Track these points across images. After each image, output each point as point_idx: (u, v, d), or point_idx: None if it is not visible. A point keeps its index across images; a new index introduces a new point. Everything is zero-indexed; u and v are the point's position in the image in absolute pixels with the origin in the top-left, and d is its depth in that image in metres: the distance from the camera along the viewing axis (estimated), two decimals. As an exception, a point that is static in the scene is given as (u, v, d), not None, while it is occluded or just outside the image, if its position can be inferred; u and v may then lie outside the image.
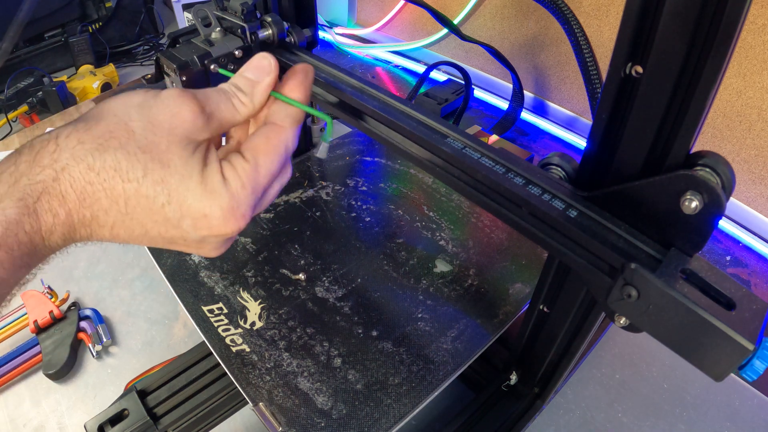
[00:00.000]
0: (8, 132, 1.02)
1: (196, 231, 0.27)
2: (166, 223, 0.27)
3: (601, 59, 0.67)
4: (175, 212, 0.26)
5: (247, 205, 0.28)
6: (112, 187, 0.25)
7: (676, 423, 0.50)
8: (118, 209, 0.26)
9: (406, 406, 0.40)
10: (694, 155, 0.27)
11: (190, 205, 0.26)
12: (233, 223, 0.28)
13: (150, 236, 0.27)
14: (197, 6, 0.47)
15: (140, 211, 0.26)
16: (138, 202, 0.26)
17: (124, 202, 0.26)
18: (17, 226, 0.23)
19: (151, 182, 0.26)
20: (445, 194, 0.61)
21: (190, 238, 0.28)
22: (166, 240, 0.28)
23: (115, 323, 0.59)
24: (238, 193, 0.28)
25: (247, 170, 0.28)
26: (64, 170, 0.24)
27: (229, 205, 0.27)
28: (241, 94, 0.30)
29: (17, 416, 0.51)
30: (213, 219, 0.27)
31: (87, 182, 0.25)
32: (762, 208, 0.70)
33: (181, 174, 0.26)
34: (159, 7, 1.39)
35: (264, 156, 0.29)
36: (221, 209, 0.27)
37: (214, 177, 0.27)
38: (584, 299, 0.36)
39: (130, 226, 0.26)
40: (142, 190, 0.26)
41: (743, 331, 0.23)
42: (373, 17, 1.16)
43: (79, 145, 0.25)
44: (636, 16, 0.24)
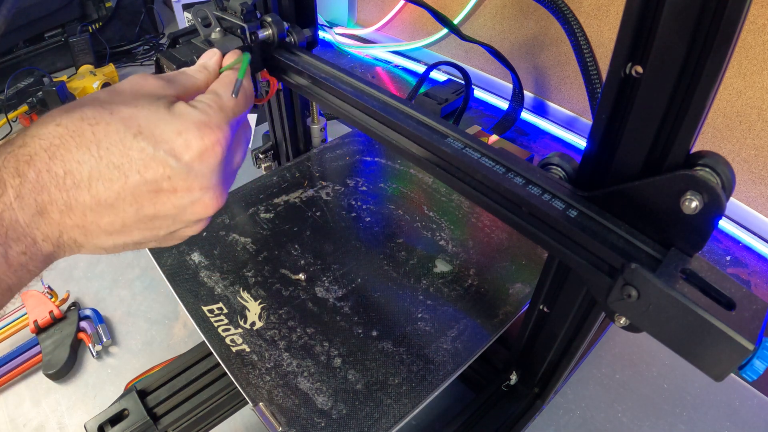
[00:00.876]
0: (8, 132, 1.02)
1: (175, 156, 0.26)
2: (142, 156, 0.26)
3: (601, 59, 0.67)
4: (148, 141, 0.26)
5: (219, 118, 0.29)
6: (81, 133, 0.25)
7: (676, 423, 0.50)
8: (90, 155, 0.25)
9: (406, 406, 0.40)
10: (694, 155, 0.27)
11: (162, 129, 0.26)
12: (210, 134, 0.27)
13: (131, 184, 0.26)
14: (197, 6, 0.47)
15: (114, 150, 0.25)
16: (110, 142, 0.25)
17: (96, 145, 0.25)
18: None
19: (119, 119, 0.26)
20: (445, 194, 0.61)
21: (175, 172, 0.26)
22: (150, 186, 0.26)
23: (115, 323, 0.59)
24: (207, 110, 0.28)
25: (209, 97, 0.30)
26: (33, 136, 0.25)
27: (201, 119, 0.28)
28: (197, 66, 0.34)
29: (17, 416, 0.51)
30: (188, 133, 0.27)
31: (55, 136, 0.25)
32: (762, 208, 0.70)
33: (148, 109, 0.27)
34: (159, 7, 1.39)
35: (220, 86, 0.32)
36: (194, 123, 0.27)
37: (181, 106, 0.28)
38: (584, 299, 0.36)
39: (107, 173, 0.25)
40: (111, 128, 0.25)
41: (743, 331, 0.23)
42: (373, 17, 1.16)
43: (47, 116, 0.26)
44: (636, 16, 0.24)
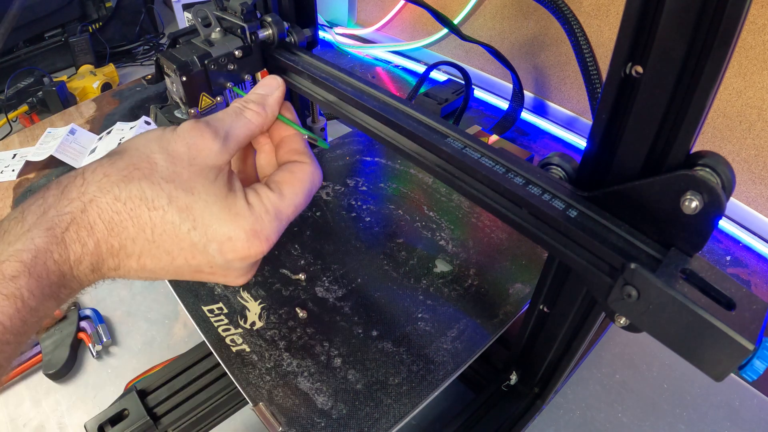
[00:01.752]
0: (8, 132, 1.02)
1: (221, 255, 0.28)
2: (192, 249, 0.27)
3: (601, 59, 0.67)
4: (201, 237, 0.27)
5: (271, 229, 0.29)
6: (139, 215, 0.26)
7: (676, 423, 0.50)
8: (145, 237, 0.26)
9: (406, 406, 0.40)
10: (694, 155, 0.27)
11: (215, 230, 0.27)
12: (257, 245, 0.28)
13: (176, 264, 0.28)
14: (197, 6, 0.47)
15: (166, 238, 0.27)
16: (164, 229, 0.27)
17: (151, 229, 0.26)
18: (46, 255, 0.24)
19: (176, 209, 0.27)
20: (445, 194, 0.61)
21: (216, 264, 0.28)
22: (192, 268, 0.28)
23: (115, 323, 0.59)
24: (262, 217, 0.29)
25: (271, 198, 0.30)
26: (92, 202, 0.25)
27: (253, 228, 0.28)
28: (254, 105, 0.32)
29: (17, 416, 0.51)
30: (238, 241, 0.28)
31: (114, 212, 0.26)
32: (762, 208, 0.70)
33: (205, 200, 0.27)
34: (159, 7, 1.39)
35: (288, 186, 0.31)
36: (245, 232, 0.28)
37: (239, 202, 0.28)
38: (584, 299, 0.36)
39: (157, 254, 0.27)
40: (168, 217, 0.26)
41: (743, 331, 0.23)
42: (373, 17, 1.16)
43: (104, 178, 0.26)
44: (636, 16, 0.24)
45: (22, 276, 0.23)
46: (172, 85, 0.46)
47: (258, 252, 0.29)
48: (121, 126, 0.86)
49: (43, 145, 0.83)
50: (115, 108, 0.95)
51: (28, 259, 0.24)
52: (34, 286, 0.24)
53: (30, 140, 0.88)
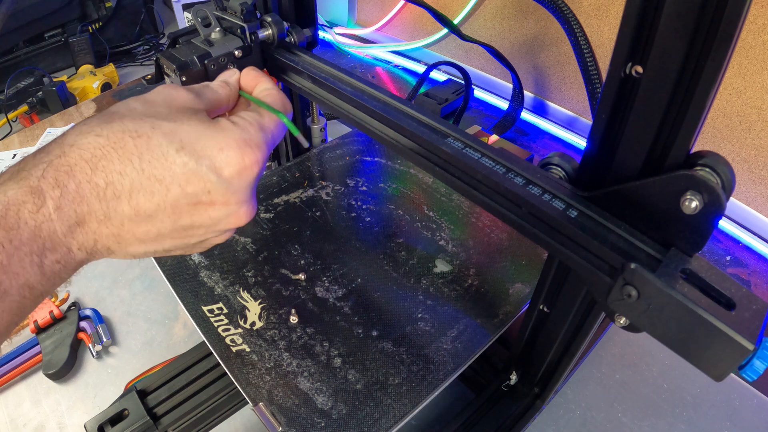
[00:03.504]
0: (8, 132, 1.02)
1: (216, 172, 0.27)
2: (184, 171, 0.26)
3: (601, 59, 0.67)
4: (191, 155, 0.26)
5: (259, 138, 0.29)
6: (123, 145, 0.25)
7: (676, 423, 0.50)
8: (133, 167, 0.25)
9: (406, 406, 0.40)
10: (694, 155, 0.27)
11: (204, 144, 0.27)
12: (250, 153, 0.28)
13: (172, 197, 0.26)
14: (197, 6, 0.47)
15: (156, 164, 0.26)
16: (152, 155, 0.25)
17: (138, 157, 0.25)
18: (18, 205, 0.22)
19: (161, 134, 0.26)
20: (445, 194, 0.61)
21: (214, 187, 0.27)
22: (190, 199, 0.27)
23: (115, 323, 0.59)
24: (248, 128, 0.29)
25: (252, 115, 0.30)
26: (72, 145, 0.25)
27: (242, 137, 0.28)
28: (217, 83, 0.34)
29: (17, 416, 0.51)
30: (230, 150, 0.27)
31: (96, 147, 0.25)
32: (762, 208, 0.70)
33: (188, 124, 0.27)
34: (159, 7, 1.39)
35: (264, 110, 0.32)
36: (235, 141, 0.28)
37: (222, 121, 0.29)
38: (584, 299, 0.36)
39: (148, 186, 0.25)
40: (154, 141, 0.26)
41: (743, 331, 0.23)
42: (373, 17, 1.16)
43: (84, 125, 0.26)
44: (636, 16, 0.24)
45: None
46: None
47: (252, 161, 0.28)
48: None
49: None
50: (115, 108, 0.95)
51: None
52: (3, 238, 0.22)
53: (30, 140, 0.88)
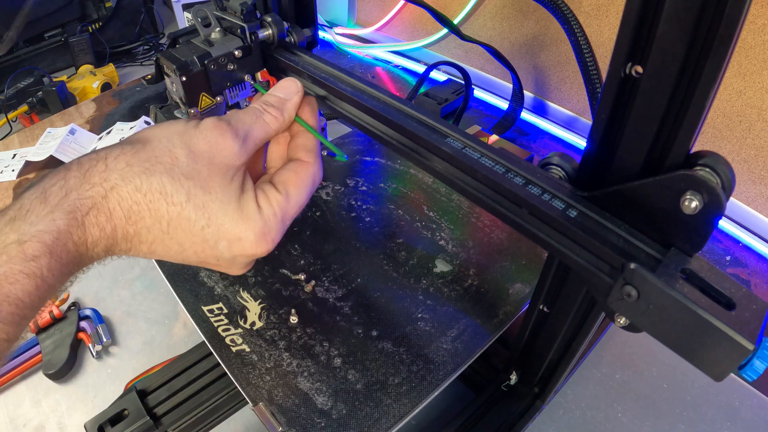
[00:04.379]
0: (8, 132, 1.02)
1: (230, 251, 0.30)
2: (203, 244, 0.29)
3: (601, 59, 0.67)
4: (213, 234, 0.29)
5: (277, 231, 0.31)
6: (157, 208, 0.27)
7: (676, 423, 0.50)
8: (160, 228, 0.28)
9: (406, 406, 0.40)
10: (694, 155, 0.27)
11: (227, 229, 0.29)
12: (263, 246, 0.31)
13: (184, 255, 0.30)
14: (197, 6, 0.47)
15: (180, 232, 0.28)
16: (179, 224, 0.28)
17: (167, 222, 0.28)
18: (66, 237, 0.25)
19: (193, 206, 0.28)
20: (445, 194, 0.61)
21: (223, 258, 0.30)
22: (199, 259, 0.30)
23: (115, 323, 0.59)
24: (270, 220, 0.31)
25: (279, 200, 0.31)
26: (113, 189, 0.27)
27: (261, 231, 0.30)
28: (272, 109, 0.33)
29: (17, 416, 0.51)
30: (246, 242, 0.30)
31: (134, 202, 0.27)
32: (762, 208, 0.70)
33: (220, 200, 0.29)
34: (159, 7, 1.39)
35: (294, 188, 0.32)
36: (254, 233, 0.30)
37: (250, 204, 0.30)
38: (584, 299, 0.36)
39: (169, 244, 0.29)
40: (185, 213, 0.28)
41: (743, 331, 0.23)
42: (373, 17, 1.16)
43: (127, 167, 0.27)
44: (636, 16, 0.24)
45: (44, 256, 0.24)
46: (172, 85, 0.46)
47: (263, 251, 0.31)
48: (120, 126, 0.86)
49: (43, 145, 0.83)
50: (114, 108, 0.95)
51: (49, 240, 0.25)
52: (53, 266, 0.25)
53: (30, 140, 0.88)
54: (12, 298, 0.23)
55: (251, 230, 0.30)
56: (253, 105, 0.33)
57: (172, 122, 0.30)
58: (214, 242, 0.29)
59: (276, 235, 0.31)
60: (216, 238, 0.29)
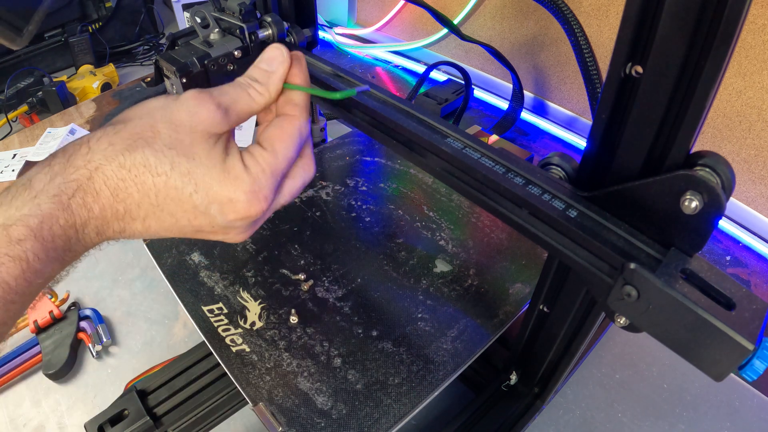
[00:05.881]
0: (8, 132, 1.02)
1: (222, 216, 0.29)
2: (194, 211, 0.29)
3: (601, 59, 0.67)
4: (202, 199, 0.29)
5: (269, 188, 0.30)
6: (143, 181, 0.27)
7: (676, 423, 0.50)
8: (150, 201, 0.28)
9: (406, 406, 0.40)
10: (694, 155, 0.27)
11: (216, 192, 0.29)
12: (256, 204, 0.30)
13: (180, 225, 0.29)
14: (195, 7, 0.47)
15: (170, 202, 0.28)
16: (167, 194, 0.28)
17: (155, 194, 0.28)
18: (52, 220, 0.25)
19: (178, 174, 0.28)
20: (445, 194, 0.61)
21: (218, 224, 0.30)
22: (194, 228, 0.30)
23: (115, 323, 0.59)
24: (259, 177, 0.30)
25: (265, 156, 0.31)
26: (98, 169, 0.27)
27: (252, 188, 0.29)
28: (257, 84, 0.32)
29: (17, 416, 0.51)
30: (238, 202, 0.29)
31: (119, 179, 0.27)
32: (762, 208, 0.70)
33: (205, 165, 0.29)
34: (159, 7, 1.39)
35: (279, 143, 0.32)
36: (245, 192, 0.29)
37: (236, 165, 0.30)
38: (584, 299, 0.36)
39: (161, 216, 0.29)
40: (171, 182, 0.28)
41: (743, 331, 0.23)
42: (373, 17, 1.16)
43: (109, 146, 0.27)
44: (636, 16, 0.24)
45: (28, 239, 0.24)
46: (172, 87, 0.46)
47: (258, 211, 0.30)
48: (121, 126, 0.85)
49: (43, 145, 0.83)
50: (115, 108, 0.95)
51: (34, 224, 0.25)
52: (39, 249, 0.25)
53: (30, 140, 0.88)
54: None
55: (241, 190, 0.29)
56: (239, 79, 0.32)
57: (152, 99, 0.30)
58: (204, 207, 0.29)
59: (268, 192, 0.30)
60: (206, 202, 0.29)
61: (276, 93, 0.33)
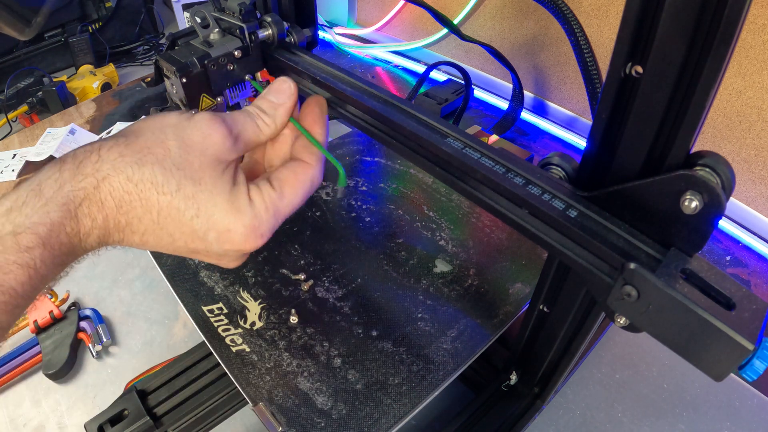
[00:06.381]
0: (8, 132, 1.02)
1: (218, 244, 0.30)
2: (192, 234, 0.29)
3: (601, 59, 0.67)
4: (202, 225, 0.29)
5: (267, 227, 0.31)
6: (148, 198, 0.28)
7: (676, 423, 0.50)
8: (151, 218, 0.28)
9: (406, 406, 0.40)
10: (694, 155, 0.27)
11: (216, 220, 0.29)
12: (252, 240, 0.30)
13: (176, 245, 0.30)
14: (195, 7, 0.47)
15: (170, 222, 0.29)
16: (169, 214, 0.28)
17: (157, 212, 0.28)
18: (60, 228, 0.26)
19: (183, 197, 0.28)
20: (445, 194, 0.61)
21: (212, 250, 0.30)
22: (189, 250, 0.30)
23: (115, 323, 0.59)
24: (261, 214, 0.30)
25: (272, 197, 0.31)
26: (105, 179, 0.27)
27: (252, 224, 0.30)
28: (264, 115, 0.33)
29: (17, 416, 0.51)
30: (235, 234, 0.30)
31: (125, 192, 0.27)
32: (762, 208, 0.70)
33: (210, 191, 0.29)
34: (159, 7, 1.39)
35: (290, 188, 0.32)
36: (244, 226, 0.30)
37: (242, 197, 0.30)
38: (584, 299, 0.36)
39: (160, 234, 0.29)
40: (174, 203, 0.28)
41: (743, 331, 0.23)
42: (373, 17, 1.16)
43: (119, 158, 0.27)
44: (636, 16, 0.24)
45: (37, 248, 0.25)
46: (172, 87, 0.46)
47: (252, 246, 0.31)
48: (121, 126, 0.86)
49: (43, 145, 0.83)
50: (114, 108, 0.95)
51: (43, 232, 0.25)
52: (46, 257, 0.25)
53: (30, 140, 0.88)
54: (5, 288, 0.24)
55: (241, 223, 0.30)
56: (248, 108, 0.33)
57: (166, 114, 0.30)
58: (203, 233, 0.29)
59: (266, 231, 0.31)
60: (205, 228, 0.29)
61: (282, 126, 0.33)
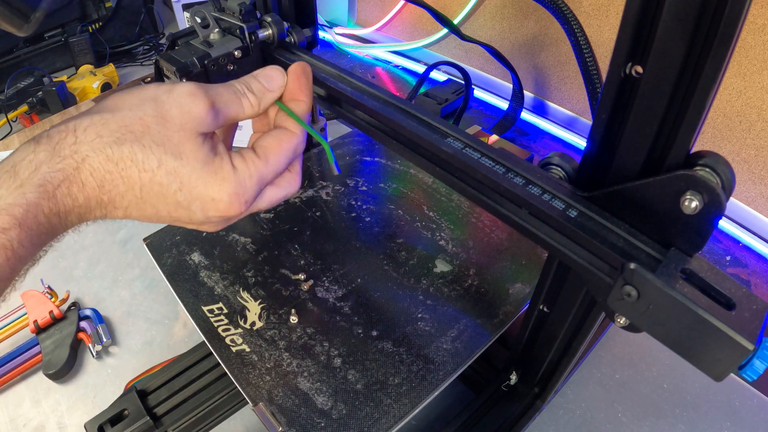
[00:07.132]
0: (8, 132, 1.02)
1: (203, 212, 0.30)
2: (176, 206, 0.30)
3: (601, 59, 0.67)
4: (185, 197, 0.29)
5: (251, 193, 0.31)
6: (129, 175, 0.28)
7: (676, 423, 0.50)
8: (134, 194, 0.28)
9: (406, 406, 0.40)
10: (694, 155, 0.27)
11: (200, 191, 0.29)
12: (237, 206, 0.31)
13: (159, 215, 0.30)
14: (195, 7, 0.47)
15: (153, 196, 0.29)
16: (152, 189, 0.28)
17: (140, 188, 0.28)
18: (37, 208, 0.26)
19: (164, 172, 0.28)
20: (445, 194, 0.61)
21: (196, 218, 0.31)
22: (173, 218, 0.31)
23: (115, 323, 0.59)
24: (245, 181, 0.31)
25: (257, 163, 0.31)
26: (85, 161, 0.27)
27: (236, 190, 0.30)
28: (251, 95, 0.33)
29: (17, 416, 0.51)
30: (220, 202, 0.30)
31: (106, 171, 0.27)
32: (762, 208, 0.70)
33: (191, 165, 0.29)
34: (159, 7, 1.39)
35: (274, 155, 0.32)
36: (228, 194, 0.30)
37: (224, 165, 0.30)
38: (584, 299, 0.36)
39: (143, 207, 0.29)
40: (156, 179, 0.28)
41: (743, 331, 0.23)
42: (373, 17, 1.16)
43: (97, 138, 0.27)
44: (636, 16, 0.24)
45: (13, 229, 0.25)
46: (172, 85, 0.46)
47: (237, 212, 0.31)
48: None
49: (43, 145, 0.82)
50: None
51: (19, 213, 0.25)
52: (24, 237, 0.25)
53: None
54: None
55: (225, 191, 0.30)
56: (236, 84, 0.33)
57: (143, 88, 0.30)
58: (187, 204, 0.30)
59: (250, 197, 0.31)
60: (189, 199, 0.29)
61: (264, 110, 0.34)
